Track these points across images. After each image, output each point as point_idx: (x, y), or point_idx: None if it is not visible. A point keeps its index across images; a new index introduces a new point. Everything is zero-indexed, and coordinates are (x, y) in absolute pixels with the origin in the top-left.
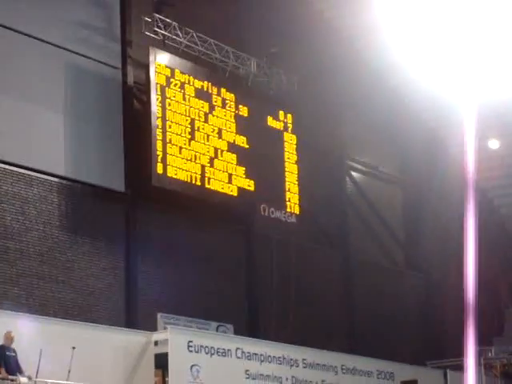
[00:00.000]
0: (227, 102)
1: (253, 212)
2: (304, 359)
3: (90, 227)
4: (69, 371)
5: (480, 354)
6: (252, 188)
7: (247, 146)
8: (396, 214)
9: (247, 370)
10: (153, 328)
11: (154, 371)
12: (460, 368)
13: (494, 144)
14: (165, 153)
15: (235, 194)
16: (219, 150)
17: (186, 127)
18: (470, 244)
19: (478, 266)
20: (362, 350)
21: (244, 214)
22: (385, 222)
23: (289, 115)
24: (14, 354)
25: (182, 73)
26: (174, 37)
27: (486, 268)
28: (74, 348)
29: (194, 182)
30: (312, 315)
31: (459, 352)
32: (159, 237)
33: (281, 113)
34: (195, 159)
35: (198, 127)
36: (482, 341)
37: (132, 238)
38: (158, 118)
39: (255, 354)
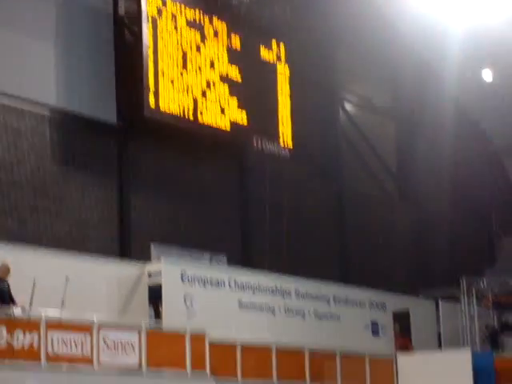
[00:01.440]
0: (219, 31)
1: (246, 145)
2: (296, 289)
3: (82, 159)
4: (62, 302)
5: (472, 285)
6: (245, 121)
7: (240, 78)
8: (389, 146)
9: (240, 300)
10: (146, 259)
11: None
12: (452, 298)
13: (487, 74)
14: (157, 85)
15: (228, 127)
16: (211, 82)
17: (178, 59)
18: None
19: (469, 197)
20: (355, 280)
21: (237, 147)
22: (378, 154)
23: (281, 45)
24: (6, 286)
25: (174, 2)
26: None
27: (478, 199)
28: (67, 279)
29: (186, 115)
30: (305, 246)
31: (451, 282)
32: (152, 169)
33: (273, 42)
34: (187, 91)
35: (190, 59)
36: (474, 271)
37: (124, 170)
38: (149, 49)
39: (248, 285)
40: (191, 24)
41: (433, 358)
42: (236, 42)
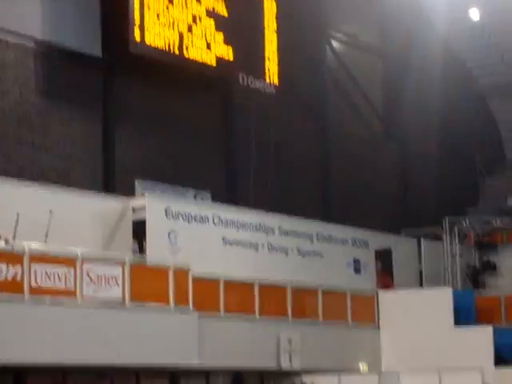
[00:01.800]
0: None
1: (231, 81)
2: (280, 226)
3: (67, 92)
4: (46, 235)
5: (454, 224)
6: (231, 57)
7: (226, 13)
8: (375, 85)
9: (224, 237)
10: (130, 195)
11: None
12: (434, 237)
13: (474, 13)
14: (142, 19)
15: (214, 62)
16: (198, 17)
17: None
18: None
19: (454, 137)
20: (338, 218)
21: (223, 83)
22: (364, 93)
23: None
24: None
25: None
26: None
27: (462, 139)
28: (51, 212)
29: (171, 49)
30: (289, 184)
31: (434, 221)
32: (137, 104)
33: None
34: (173, 26)
35: None
36: (457, 211)
37: (109, 104)
38: None
39: (232, 221)
40: None
41: (414, 295)
42: None
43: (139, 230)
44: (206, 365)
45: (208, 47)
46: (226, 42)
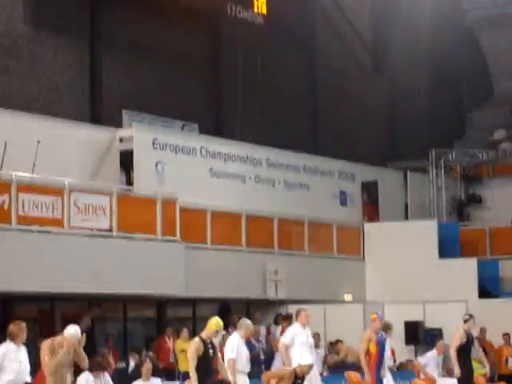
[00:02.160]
0: None
1: (220, 11)
2: (267, 159)
3: (54, 21)
4: (34, 164)
5: (440, 157)
6: None
7: None
8: (364, 17)
9: (211, 169)
10: (118, 125)
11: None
12: (420, 170)
13: None
14: None
15: None
16: None
17: None
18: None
19: (442, 70)
20: (325, 150)
21: (211, 13)
22: (353, 26)
23: None
24: None
25: None
26: None
27: (450, 73)
28: (38, 142)
29: None
30: (277, 116)
31: (420, 154)
32: (125, 34)
33: None
34: None
35: None
36: (443, 144)
37: (97, 35)
38: None
39: (219, 153)
40: None
41: (399, 227)
42: None
43: (126, 161)
44: (193, 294)
45: None
46: None
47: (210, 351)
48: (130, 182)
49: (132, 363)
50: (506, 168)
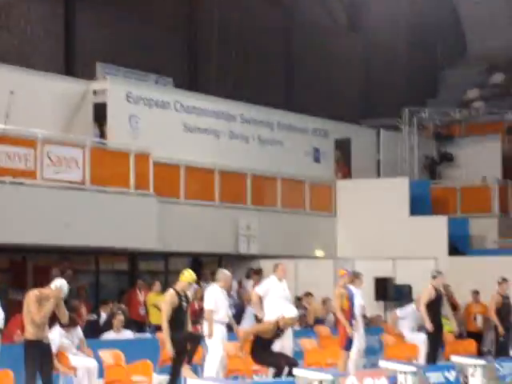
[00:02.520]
0: None
1: None
2: (241, 114)
3: None
4: (6, 116)
5: (413, 115)
6: None
7: None
8: None
9: (185, 123)
10: (92, 78)
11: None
12: (393, 128)
13: None
14: None
15: None
16: None
17: None
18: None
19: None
20: (299, 107)
21: None
22: None
23: None
24: None
25: None
26: None
27: (424, 32)
28: (12, 93)
29: None
30: (251, 72)
31: (393, 112)
32: None
33: None
34: None
35: None
36: (417, 102)
37: None
38: None
39: (194, 108)
40: None
41: (371, 185)
42: None
43: (100, 114)
44: (165, 248)
45: None
46: None
47: (184, 303)
48: (103, 135)
49: (104, 315)
50: (478, 127)
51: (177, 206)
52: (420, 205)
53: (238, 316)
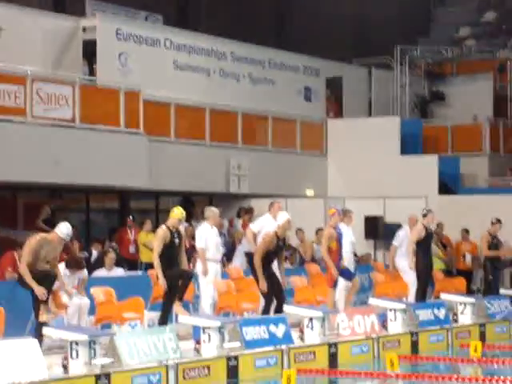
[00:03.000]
0: None
1: None
2: (232, 52)
3: None
4: None
5: (405, 53)
6: None
7: None
8: None
9: (175, 61)
10: (81, 14)
11: None
12: (385, 66)
13: None
14: None
15: None
16: None
17: None
18: None
19: None
20: (291, 46)
21: None
22: None
23: None
24: None
25: None
26: None
27: None
28: (1, 29)
29: None
30: (243, 10)
31: (385, 51)
32: None
33: None
34: None
35: None
36: (408, 41)
37: None
38: None
39: (184, 45)
40: None
41: (362, 124)
42: None
43: (89, 51)
44: (156, 187)
45: None
46: None
47: (176, 240)
48: (92, 72)
49: (95, 253)
50: (469, 65)
51: (167, 145)
52: (411, 144)
53: (229, 254)
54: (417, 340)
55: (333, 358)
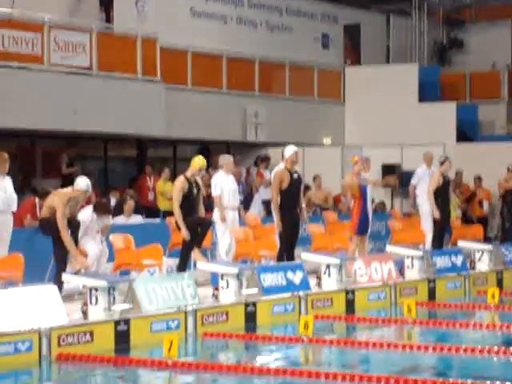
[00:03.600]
0: None
1: None
2: None
3: None
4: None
5: (423, 0)
6: None
7: None
8: None
9: (192, 8)
10: None
11: None
12: (403, 13)
13: None
14: None
15: None
16: None
17: None
18: None
19: None
20: None
21: None
22: None
23: None
24: None
25: None
26: None
27: None
28: None
29: None
30: None
31: None
32: None
33: None
34: None
35: None
36: None
37: None
38: None
39: None
40: None
41: (380, 71)
42: None
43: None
44: (173, 135)
45: None
46: None
47: (195, 190)
48: (109, 19)
49: (113, 201)
50: (488, 12)
51: (184, 93)
52: (429, 91)
53: (247, 202)
54: (434, 287)
55: (350, 305)
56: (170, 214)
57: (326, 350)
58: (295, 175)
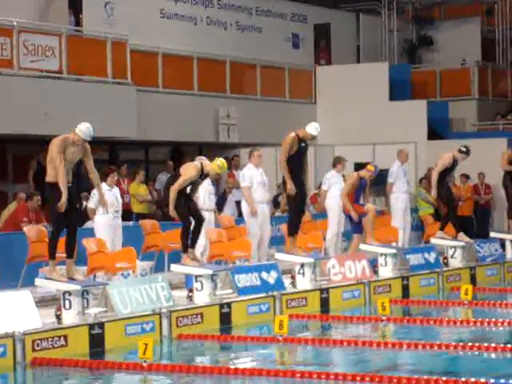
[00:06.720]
0: None
1: None
2: (219, 0)
3: None
4: None
5: None
6: None
7: None
8: None
9: (162, 9)
10: None
11: None
12: (372, 12)
13: None
14: None
15: None
16: None
17: None
18: None
19: None
20: None
21: None
22: None
23: None
24: None
25: None
26: None
27: None
28: None
29: None
30: None
31: None
32: None
33: None
34: None
35: None
36: None
37: None
38: None
39: None
40: None
41: (351, 70)
42: None
43: (75, 1)
44: (145, 137)
45: None
46: None
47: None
48: (79, 23)
49: (85, 203)
50: (457, 9)
51: (155, 95)
52: (399, 89)
53: (221, 204)
54: (408, 284)
55: (324, 303)
56: (143, 216)
57: (301, 349)
58: (303, 144)
